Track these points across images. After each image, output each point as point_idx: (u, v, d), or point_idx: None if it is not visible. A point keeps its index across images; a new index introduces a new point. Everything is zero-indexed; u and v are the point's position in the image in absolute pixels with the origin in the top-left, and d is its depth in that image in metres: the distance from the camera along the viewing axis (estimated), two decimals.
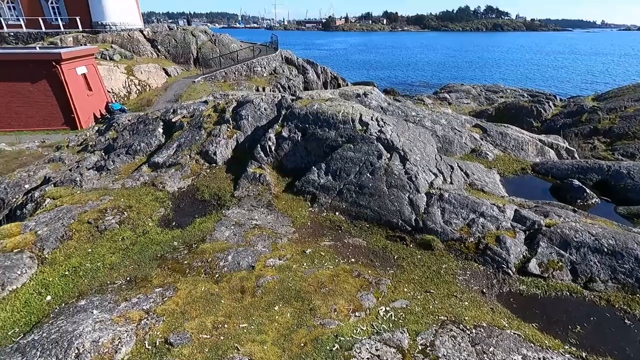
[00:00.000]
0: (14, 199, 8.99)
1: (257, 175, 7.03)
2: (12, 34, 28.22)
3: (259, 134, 8.19)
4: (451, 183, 6.84)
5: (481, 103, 25.99)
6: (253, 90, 29.88)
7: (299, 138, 7.59)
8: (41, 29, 28.92)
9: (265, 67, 34.23)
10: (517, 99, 21.92)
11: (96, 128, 14.83)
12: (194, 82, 28.92)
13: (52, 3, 29.72)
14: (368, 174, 6.58)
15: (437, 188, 6.45)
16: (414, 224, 5.97)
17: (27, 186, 9.65)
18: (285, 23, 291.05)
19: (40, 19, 29.12)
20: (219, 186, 6.96)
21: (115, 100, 24.00)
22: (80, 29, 29.83)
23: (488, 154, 8.85)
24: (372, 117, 7.64)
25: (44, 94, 18.75)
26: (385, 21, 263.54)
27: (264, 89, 31.14)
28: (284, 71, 35.37)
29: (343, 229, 6.10)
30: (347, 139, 7.22)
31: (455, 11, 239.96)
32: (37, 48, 21.73)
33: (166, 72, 30.09)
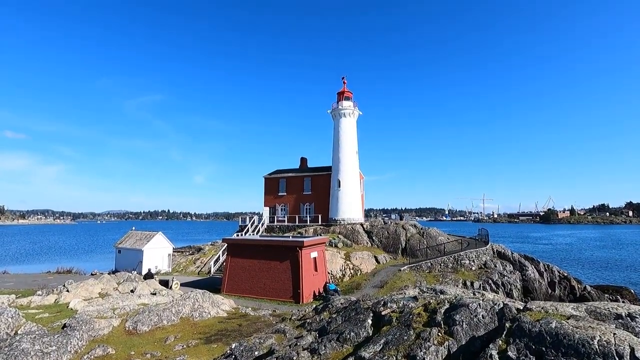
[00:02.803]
0: None
1: None
2: (278, 226, 39.68)
3: (475, 347, 7.02)
4: None
5: None
6: (460, 284, 28.04)
7: None
8: (295, 222, 39.59)
9: (473, 261, 32.57)
10: None
11: (314, 305, 16.75)
12: (400, 270, 30.17)
13: (307, 206, 41.25)
14: None
15: None
16: None
17: (256, 353, 11.22)
18: (495, 216, 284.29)
19: (297, 216, 40.38)
20: None
21: (332, 281, 27.45)
22: (320, 222, 38.86)
23: None
24: None
25: (284, 271, 23.51)
26: (631, 213, 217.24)
27: (472, 284, 28.77)
28: (495, 266, 32.42)
29: None
30: None
31: None
32: (290, 237, 28.90)
33: (376, 260, 33.16)
